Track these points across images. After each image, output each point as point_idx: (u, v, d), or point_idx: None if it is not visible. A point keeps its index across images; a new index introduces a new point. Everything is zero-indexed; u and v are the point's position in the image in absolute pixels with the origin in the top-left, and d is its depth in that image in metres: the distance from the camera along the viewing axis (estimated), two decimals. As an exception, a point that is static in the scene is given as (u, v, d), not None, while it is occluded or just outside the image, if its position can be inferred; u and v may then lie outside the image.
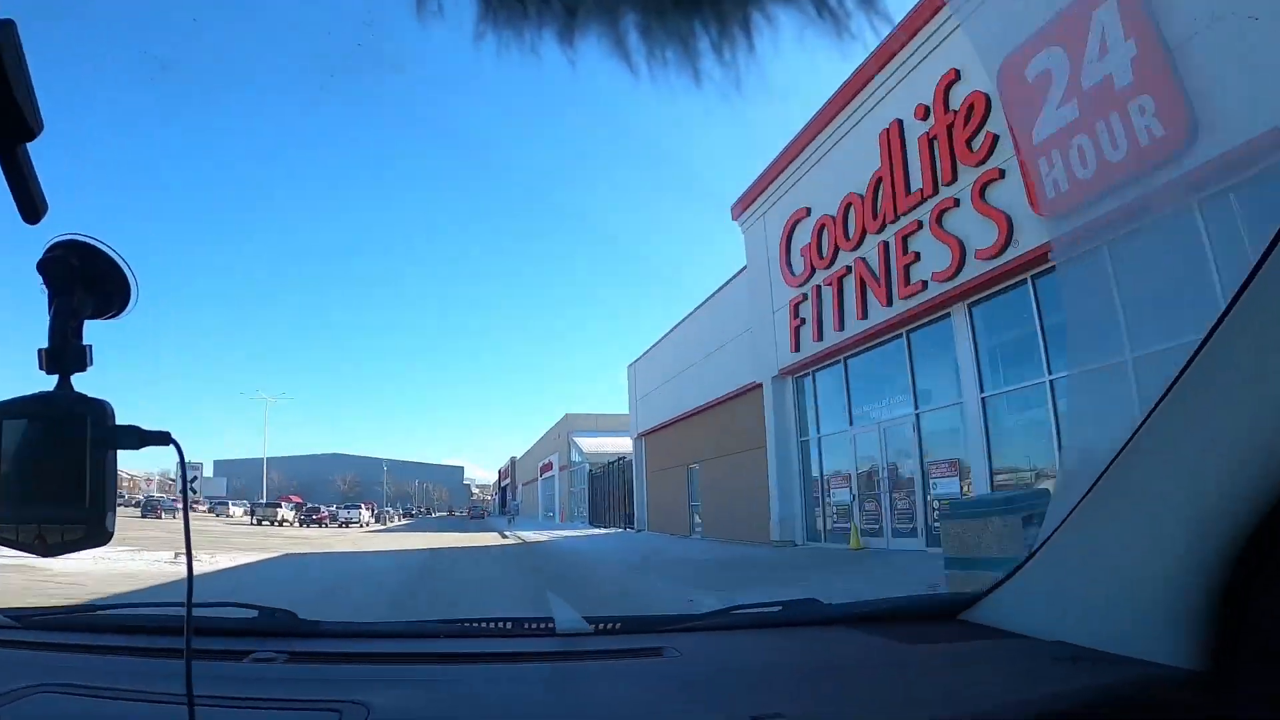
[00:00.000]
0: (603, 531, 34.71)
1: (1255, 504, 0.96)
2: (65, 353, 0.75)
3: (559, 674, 1.46)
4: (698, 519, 25.97)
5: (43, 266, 0.75)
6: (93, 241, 0.76)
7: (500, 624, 1.78)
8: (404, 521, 71.33)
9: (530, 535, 31.72)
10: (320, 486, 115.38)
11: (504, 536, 31.91)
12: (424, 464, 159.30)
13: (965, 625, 1.63)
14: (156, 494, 62.96)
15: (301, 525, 49.13)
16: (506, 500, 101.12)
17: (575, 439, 50.83)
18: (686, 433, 26.84)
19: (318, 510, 55.25)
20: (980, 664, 1.40)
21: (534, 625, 1.76)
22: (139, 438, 0.78)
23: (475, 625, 1.78)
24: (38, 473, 0.74)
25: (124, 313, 0.81)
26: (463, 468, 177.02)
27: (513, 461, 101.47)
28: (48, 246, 0.76)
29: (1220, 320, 0.98)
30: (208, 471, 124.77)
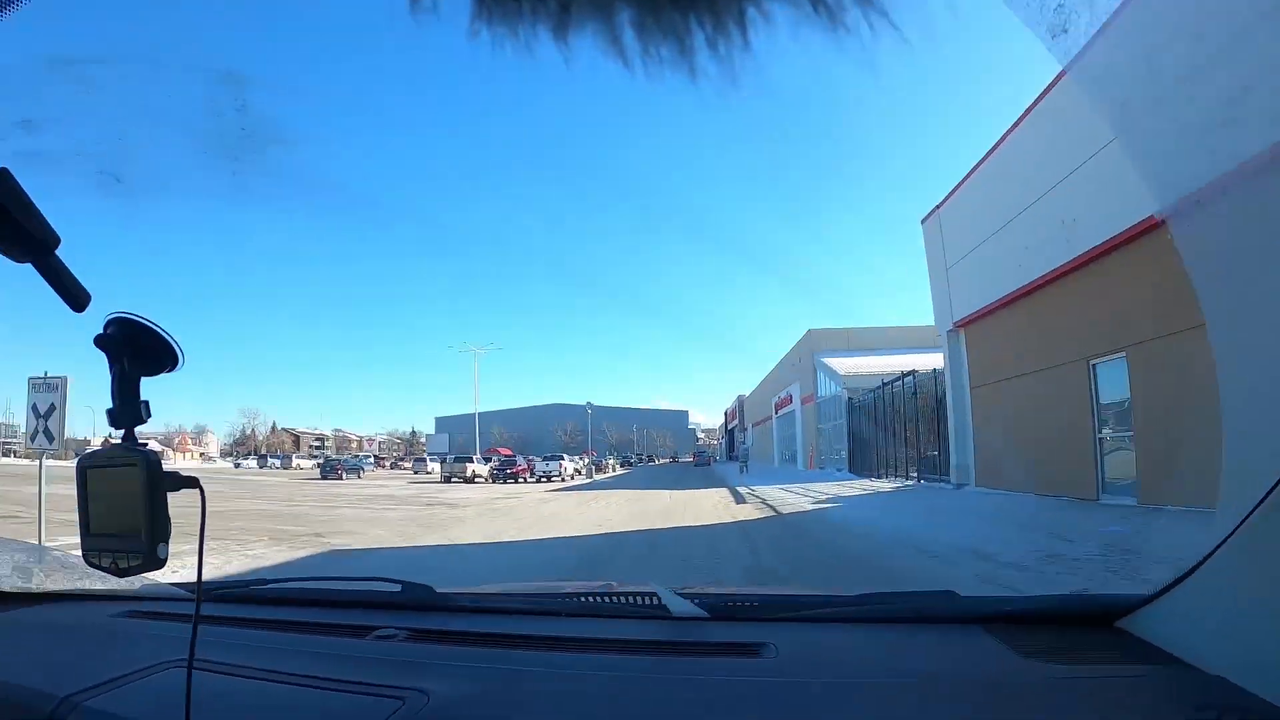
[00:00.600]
0: (888, 486, 23.33)
1: None
2: (124, 411, 0.91)
3: (639, 670, 1.40)
4: (1115, 463, 13.31)
5: (99, 341, 0.89)
6: (136, 318, 0.90)
7: (617, 599, 1.77)
8: (617, 473, 60.92)
9: (775, 494, 21.41)
10: (541, 437, 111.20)
11: (737, 498, 21.18)
12: (646, 409, 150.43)
13: (1122, 638, 1.40)
14: (336, 455, 57.40)
15: (494, 480, 42.60)
16: (735, 444, 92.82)
17: (823, 361, 38.27)
18: (1071, 301, 14.35)
19: (513, 464, 47.05)
20: (1121, 699, 1.17)
21: (648, 604, 1.70)
22: (175, 482, 0.92)
23: (595, 601, 1.80)
24: (108, 511, 0.91)
25: (177, 368, 0.94)
26: (687, 412, 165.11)
27: (740, 402, 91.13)
28: (105, 322, 0.89)
29: None
30: (429, 428, 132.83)
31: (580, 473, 47.70)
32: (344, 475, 45.71)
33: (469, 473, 44.92)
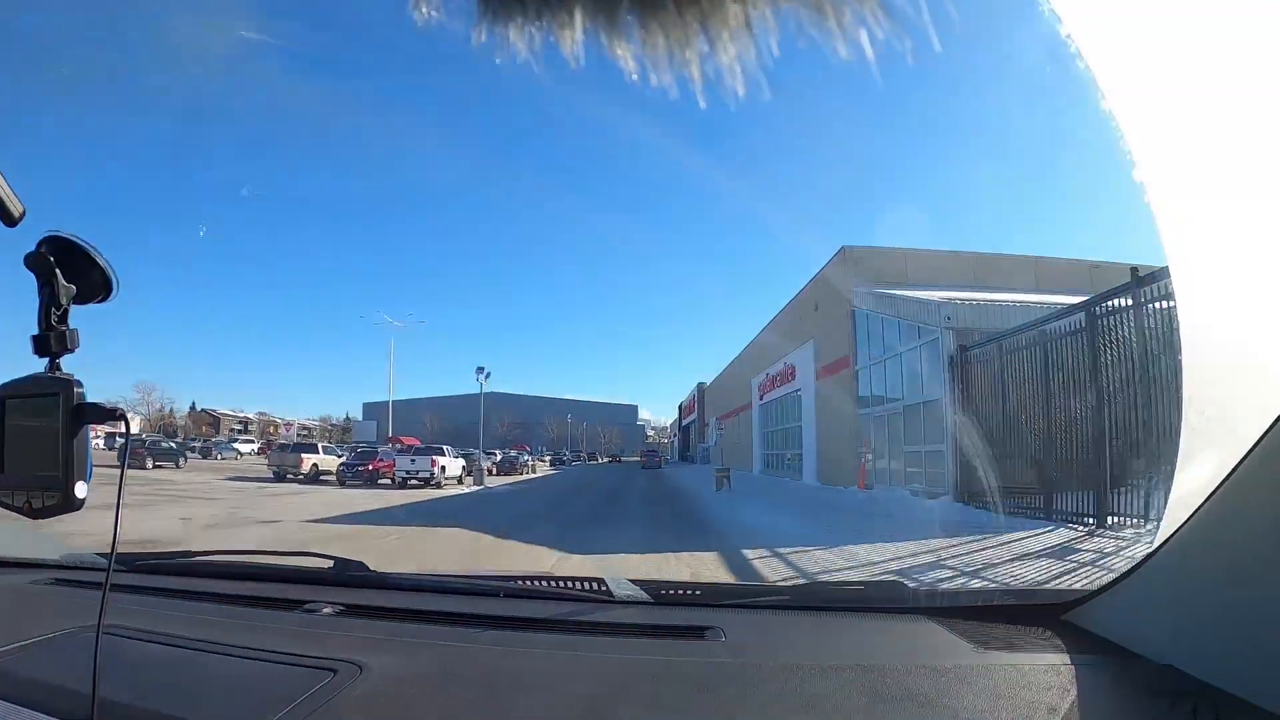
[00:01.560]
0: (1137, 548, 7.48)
1: None
2: (50, 338, 0.85)
3: (582, 649, 1.41)
4: None
5: (28, 261, 0.84)
6: (69, 237, 0.85)
7: (561, 583, 1.77)
8: (531, 476, 45.00)
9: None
10: (475, 428, 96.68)
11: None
12: (591, 402, 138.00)
13: (1068, 629, 1.45)
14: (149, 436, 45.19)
15: (341, 482, 28.27)
16: (690, 442, 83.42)
17: (892, 294, 20.04)
18: None
19: (367, 460, 30.33)
20: (1071, 687, 1.19)
21: (591, 588, 1.72)
22: (99, 414, 0.85)
23: (537, 585, 1.79)
24: (22, 446, 0.84)
25: (110, 298, 0.88)
26: (635, 407, 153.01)
27: (699, 392, 75.08)
28: (38, 242, 0.84)
29: None
30: (355, 413, 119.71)
31: (470, 475, 31.25)
32: (152, 463, 33.49)
33: (307, 468, 29.99)
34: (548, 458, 73.14)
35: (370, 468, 28.86)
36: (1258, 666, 1.00)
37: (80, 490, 0.83)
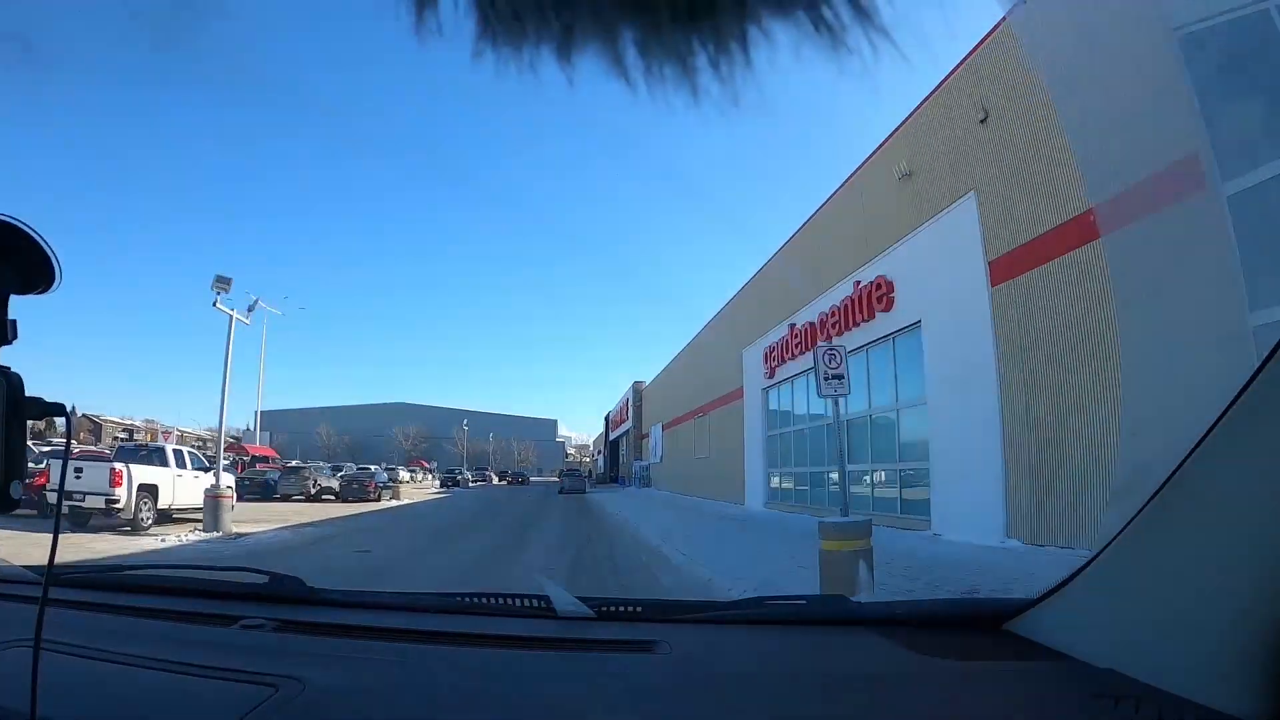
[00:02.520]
0: None
1: None
2: None
3: (525, 664, 1.38)
4: None
5: None
6: (11, 220, 0.77)
7: (501, 600, 1.70)
8: (391, 506, 29.65)
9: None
10: (377, 443, 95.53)
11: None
12: (504, 415, 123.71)
13: (1009, 638, 1.45)
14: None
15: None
16: (619, 459, 70.54)
17: None
18: None
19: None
20: (1016, 692, 1.24)
21: (532, 604, 1.65)
22: (40, 409, 0.79)
23: (477, 601, 1.71)
24: None
25: (52, 288, 0.82)
26: (555, 422, 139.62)
27: (635, 395, 57.75)
28: None
29: None
30: (248, 423, 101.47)
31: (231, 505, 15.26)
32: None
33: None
34: (405, 478, 57.44)
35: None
36: (1194, 665, 1.02)
37: (15, 490, 0.75)
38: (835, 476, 13.75)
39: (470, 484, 57.12)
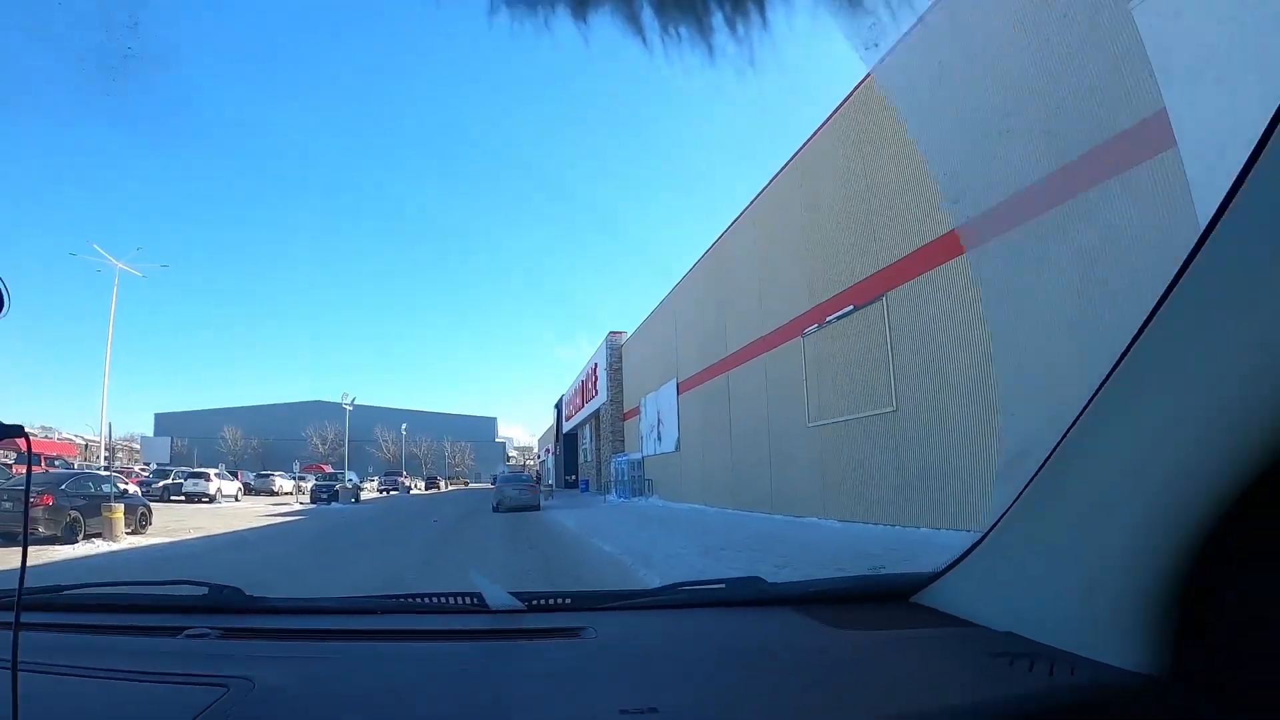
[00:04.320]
0: None
1: (1216, 491, 0.89)
2: None
3: (460, 654, 1.48)
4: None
5: None
6: None
7: (436, 599, 1.79)
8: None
9: None
10: (290, 445, 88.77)
11: None
12: (434, 413, 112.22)
13: (917, 609, 1.56)
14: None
15: None
16: (577, 457, 55.56)
17: None
18: None
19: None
20: (923, 656, 1.33)
21: (466, 601, 1.74)
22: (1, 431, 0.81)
23: (412, 601, 1.83)
24: None
25: (1, 314, 0.84)
26: (494, 420, 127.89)
27: (614, 354, 38.49)
28: None
29: (1169, 289, 0.91)
30: (146, 429, 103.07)
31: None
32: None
33: None
34: (366, 482, 59.37)
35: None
36: (1084, 623, 1.11)
37: None
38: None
39: (356, 499, 39.70)
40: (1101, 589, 1.07)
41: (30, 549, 9.65)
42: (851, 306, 14.31)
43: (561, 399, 59.12)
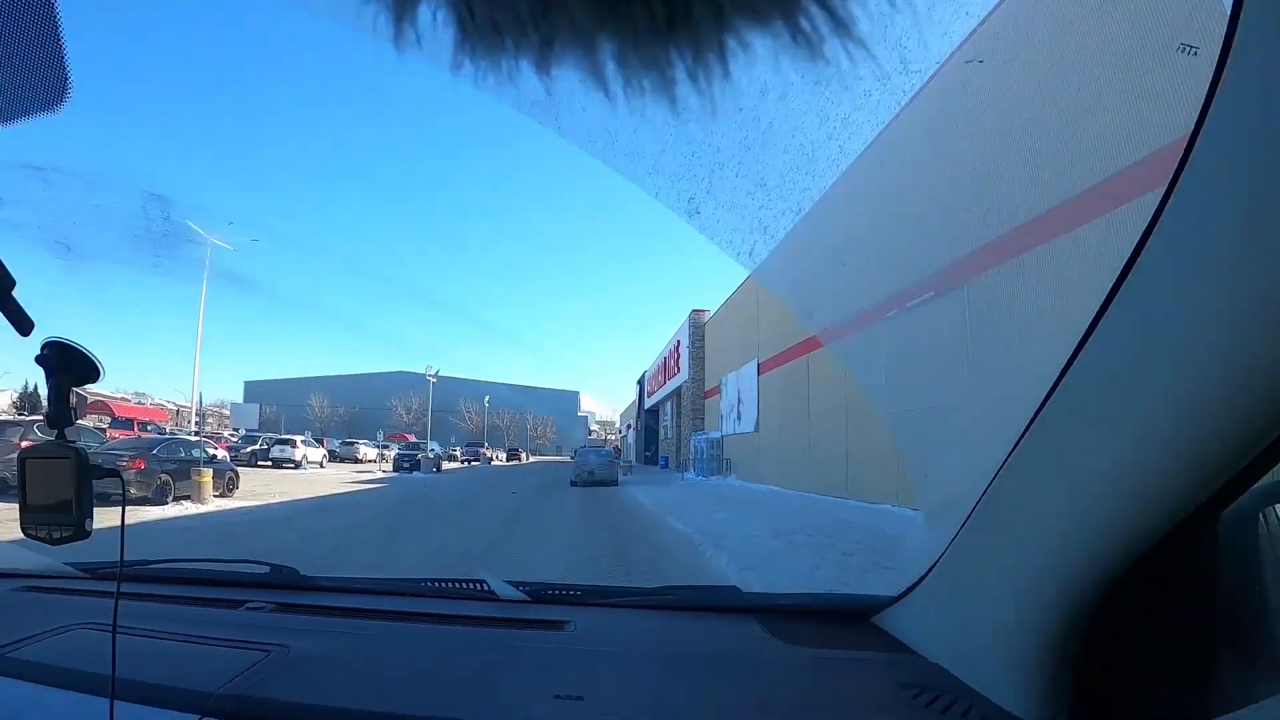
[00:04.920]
0: None
1: (1109, 563, 0.93)
2: (59, 415, 1.08)
3: (461, 638, 1.66)
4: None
5: (39, 360, 1.05)
6: (66, 341, 1.06)
7: (454, 585, 1.99)
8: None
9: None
10: (376, 414, 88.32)
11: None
12: (516, 385, 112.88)
13: (871, 631, 1.64)
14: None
15: None
16: (658, 433, 54.73)
17: None
18: None
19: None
20: (846, 678, 1.40)
21: (479, 589, 1.94)
22: (100, 472, 1.09)
23: (435, 585, 2.00)
24: (45, 494, 1.08)
25: (99, 380, 1.10)
26: (577, 394, 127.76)
27: (697, 332, 38.73)
28: (42, 345, 1.04)
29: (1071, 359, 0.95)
30: (236, 396, 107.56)
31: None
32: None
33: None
34: (448, 453, 57.66)
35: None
36: (996, 669, 1.14)
37: (88, 525, 1.08)
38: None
39: (436, 468, 39.88)
40: (1011, 637, 1.12)
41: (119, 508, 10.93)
42: (932, 292, 13.80)
43: (644, 375, 59.09)
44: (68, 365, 1.08)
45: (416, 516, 15.67)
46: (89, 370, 1.10)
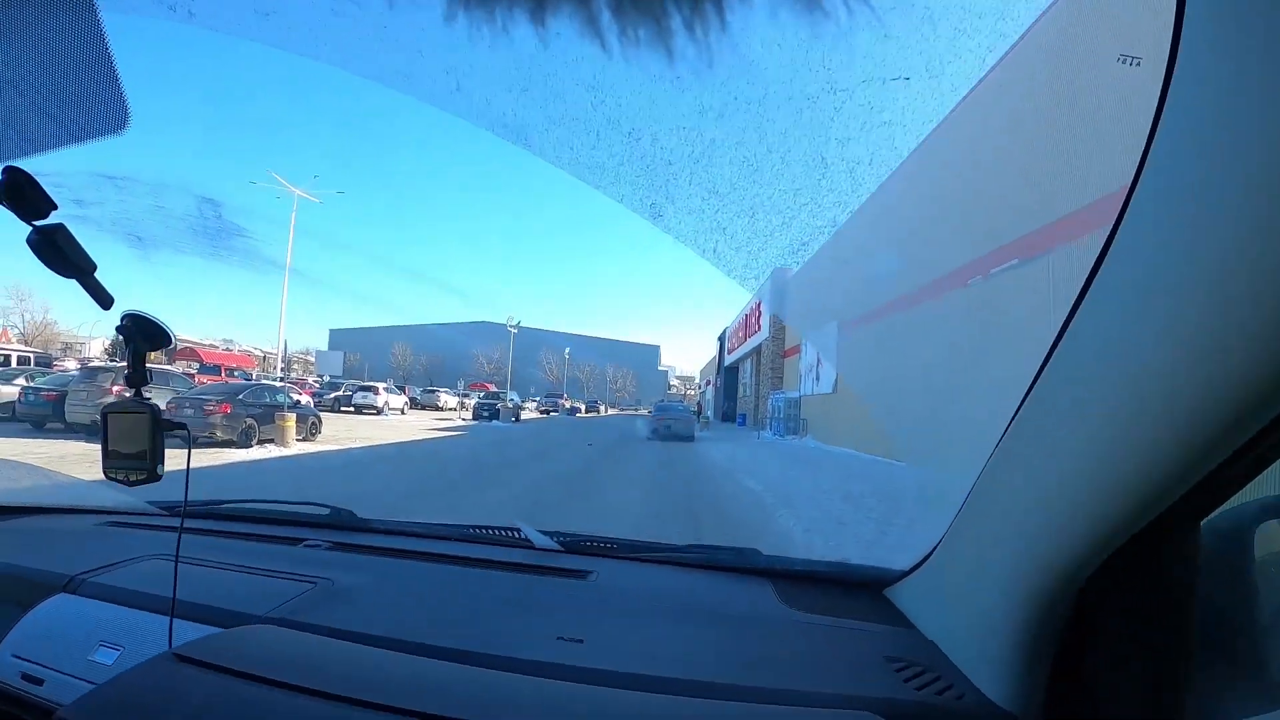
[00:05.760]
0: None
1: (1081, 558, 0.95)
2: (135, 375, 1.28)
3: (493, 580, 1.81)
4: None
5: (119, 330, 1.23)
6: (142, 313, 1.23)
7: (494, 532, 2.16)
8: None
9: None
10: (458, 362, 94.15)
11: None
12: (597, 338, 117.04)
13: (880, 603, 1.69)
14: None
15: None
16: (738, 391, 53.96)
17: None
18: None
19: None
20: (841, 646, 1.43)
21: (515, 536, 2.09)
22: (169, 425, 1.27)
23: (478, 532, 2.18)
24: (124, 443, 1.25)
25: (171, 347, 1.63)
26: (658, 348, 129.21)
27: (779, 290, 37.26)
28: (121, 317, 1.22)
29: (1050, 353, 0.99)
30: (321, 343, 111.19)
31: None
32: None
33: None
34: (528, 403, 59.67)
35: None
36: (980, 651, 1.18)
37: (160, 470, 1.24)
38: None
39: (513, 418, 40.40)
40: (991, 623, 1.15)
41: (209, 451, 14.48)
42: (1017, 260, 13.30)
43: (725, 331, 58.40)
44: (143, 333, 1.24)
45: (492, 464, 15.70)
46: (161, 337, 1.26)
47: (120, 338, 1.26)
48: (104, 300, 1.21)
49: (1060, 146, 11.94)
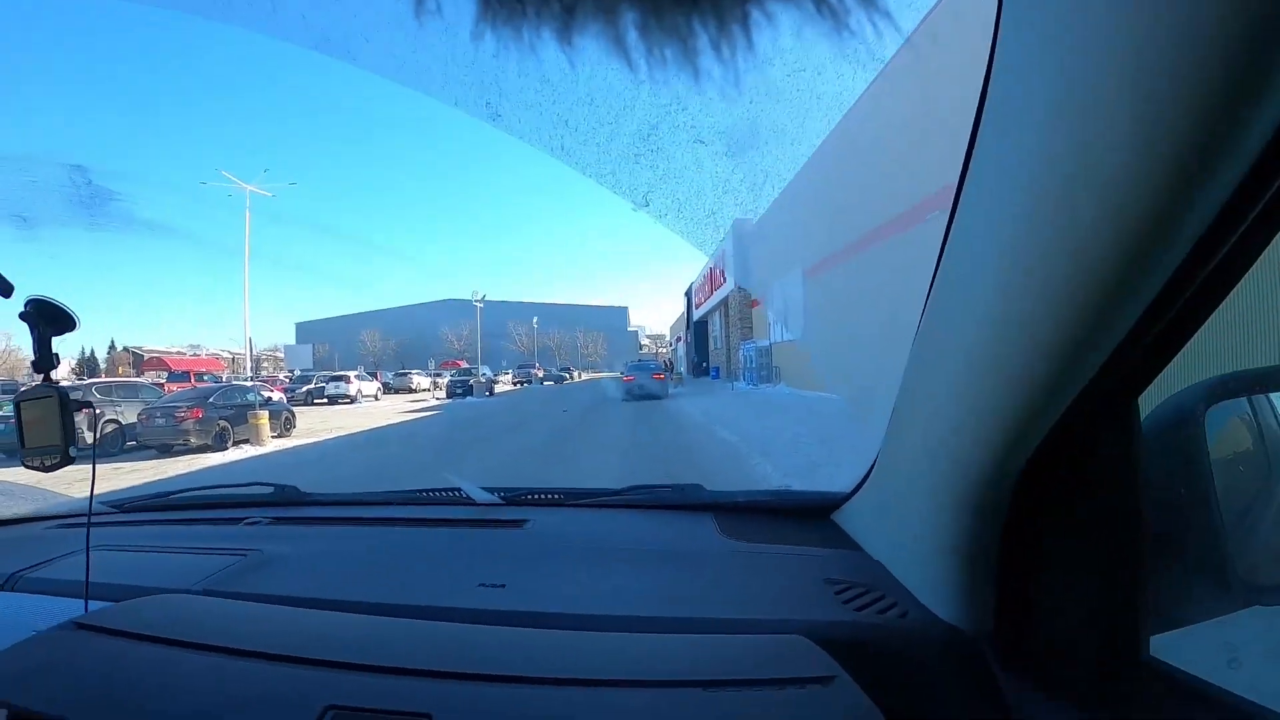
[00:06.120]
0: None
1: (1001, 459, 0.91)
2: (41, 361, 1.25)
3: (428, 537, 1.86)
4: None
5: (23, 316, 1.23)
6: (45, 299, 1.23)
7: (433, 493, 2.19)
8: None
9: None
10: (428, 343, 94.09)
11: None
12: (564, 305, 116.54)
13: (828, 527, 1.68)
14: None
15: None
16: (707, 345, 54.43)
17: None
18: None
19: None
20: (780, 571, 1.44)
21: (455, 494, 2.11)
22: (77, 404, 1.28)
23: (418, 494, 2.20)
24: (35, 430, 1.27)
25: (75, 329, 1.28)
26: (626, 309, 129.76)
27: (740, 242, 37.20)
28: (25, 303, 1.22)
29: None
30: (289, 338, 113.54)
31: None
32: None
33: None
34: (501, 376, 58.06)
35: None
36: (924, 569, 1.16)
37: (73, 452, 1.25)
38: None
39: (494, 389, 41.13)
40: (928, 538, 1.12)
41: (184, 457, 14.67)
42: (938, 211, 13.34)
43: (691, 286, 58.22)
44: (47, 318, 1.25)
45: (467, 440, 15.83)
46: (65, 321, 1.26)
47: (26, 325, 1.25)
48: (4, 289, 1.24)
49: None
